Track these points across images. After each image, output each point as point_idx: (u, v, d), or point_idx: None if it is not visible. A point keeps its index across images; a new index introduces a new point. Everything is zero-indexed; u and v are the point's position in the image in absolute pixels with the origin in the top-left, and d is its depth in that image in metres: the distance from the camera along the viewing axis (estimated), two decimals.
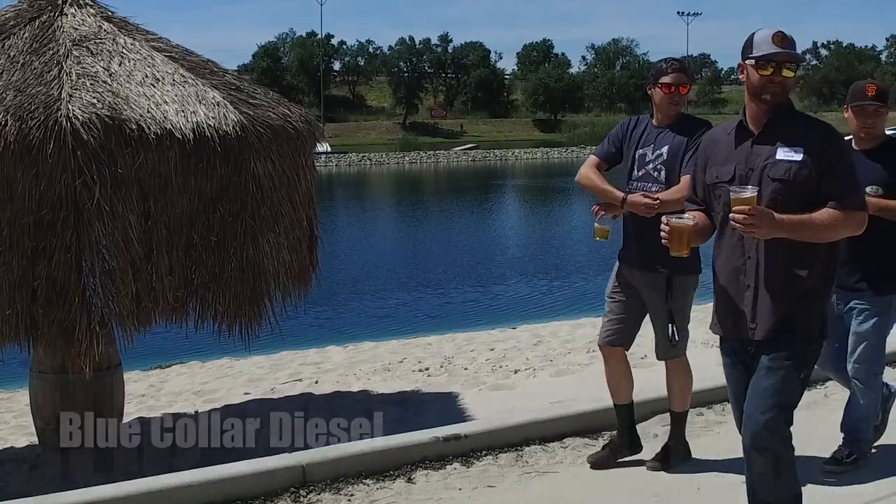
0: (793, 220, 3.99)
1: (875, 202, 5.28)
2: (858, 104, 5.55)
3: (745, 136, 4.30)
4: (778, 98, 4.19)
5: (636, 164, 5.72)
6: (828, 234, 4.10)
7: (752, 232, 3.96)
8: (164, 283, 5.76)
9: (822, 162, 4.09)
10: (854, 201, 4.13)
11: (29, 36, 6.20)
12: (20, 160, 5.38)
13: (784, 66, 4.15)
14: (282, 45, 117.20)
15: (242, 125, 5.94)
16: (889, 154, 5.54)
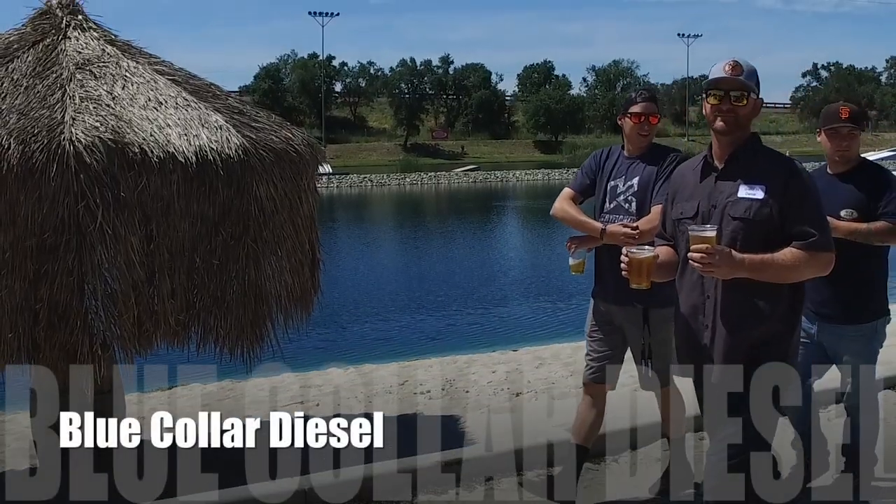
0: (754, 260, 3.89)
1: (845, 226, 5.31)
2: (832, 127, 5.52)
3: (709, 172, 4.21)
4: (731, 128, 4.09)
5: (607, 196, 5.68)
6: (791, 275, 3.99)
7: (710, 272, 3.87)
8: (165, 306, 5.75)
9: (785, 200, 3.99)
10: (819, 241, 3.99)
11: (32, 59, 6.21)
12: (23, 183, 5.38)
13: (732, 95, 4.07)
14: (283, 66, 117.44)
15: (245, 148, 5.95)
16: (863, 177, 5.51)
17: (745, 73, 4.10)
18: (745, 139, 4.16)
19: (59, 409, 6.25)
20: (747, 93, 4.09)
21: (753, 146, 4.18)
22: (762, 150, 4.21)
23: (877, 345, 5.52)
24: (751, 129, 4.20)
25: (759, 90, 4.17)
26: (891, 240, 5.40)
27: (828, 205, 5.26)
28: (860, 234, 5.31)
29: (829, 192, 5.39)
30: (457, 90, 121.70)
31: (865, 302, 5.46)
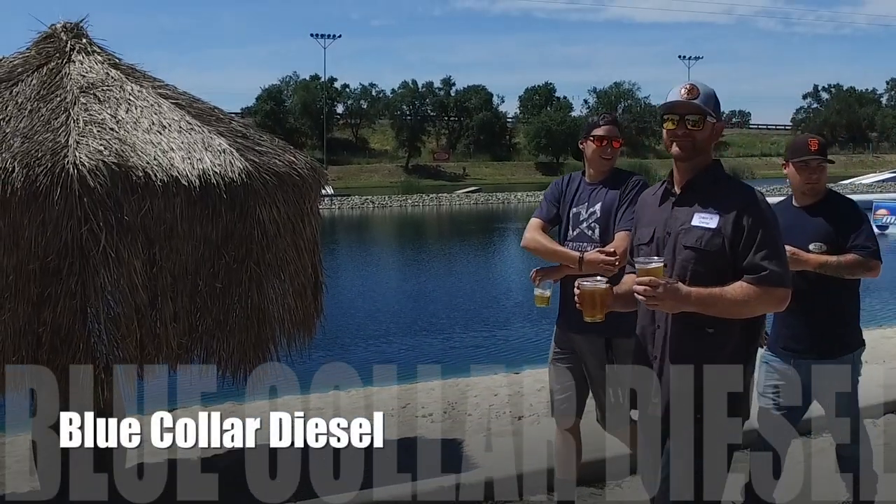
0: (701, 294, 3.74)
1: (814, 258, 5.28)
2: (802, 160, 5.48)
3: (667, 198, 4.09)
4: (689, 154, 3.95)
5: (570, 223, 5.59)
6: (741, 310, 3.80)
7: (654, 305, 3.74)
8: (168, 329, 5.75)
9: (738, 230, 3.82)
10: (771, 276, 3.79)
11: (37, 83, 6.24)
12: (27, 207, 5.40)
13: (689, 119, 3.93)
14: (285, 87, 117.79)
15: (248, 172, 5.96)
16: (832, 209, 5.46)
17: (701, 96, 3.97)
18: (705, 165, 4.02)
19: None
20: (704, 116, 3.95)
21: (713, 173, 4.03)
22: (723, 178, 4.05)
23: (856, 376, 5.46)
24: (711, 154, 4.07)
25: (718, 114, 4.03)
26: (861, 273, 5.38)
27: (796, 238, 5.33)
28: (830, 267, 5.27)
29: (797, 225, 5.44)
30: (458, 112, 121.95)
31: (841, 335, 5.40)
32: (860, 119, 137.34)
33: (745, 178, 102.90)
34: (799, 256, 5.23)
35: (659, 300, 3.69)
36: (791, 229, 5.37)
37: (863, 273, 5.39)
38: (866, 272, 5.39)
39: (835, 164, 5.75)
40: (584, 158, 5.75)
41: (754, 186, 4.09)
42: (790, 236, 5.31)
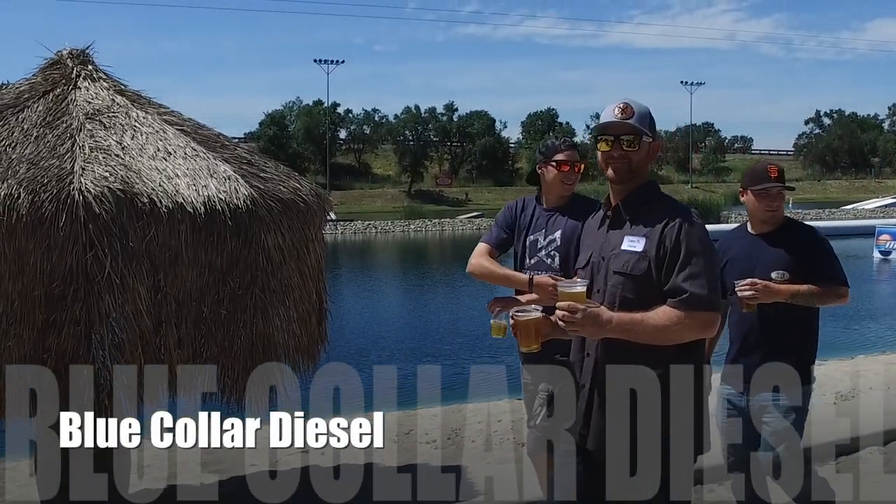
0: (622, 319, 3.53)
1: (785, 289, 5.20)
2: (762, 187, 5.40)
3: (603, 221, 3.94)
4: (625, 176, 3.81)
5: (528, 251, 5.45)
6: (664, 336, 3.57)
7: (575, 331, 3.53)
8: (172, 355, 5.75)
9: (664, 252, 3.65)
10: (693, 299, 3.57)
11: (43, 109, 6.27)
12: (32, 233, 5.41)
13: (623, 139, 3.78)
14: (288, 113, 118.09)
15: (253, 198, 5.97)
16: (792, 236, 5.42)
17: (636, 115, 3.82)
18: (639, 186, 3.86)
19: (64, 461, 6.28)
20: (640, 136, 3.81)
21: (646, 194, 3.86)
22: (656, 199, 3.86)
23: (804, 414, 5.35)
24: (648, 174, 3.92)
25: (654, 133, 3.88)
26: (833, 300, 5.34)
27: (756, 266, 5.33)
28: (802, 296, 5.21)
29: (756, 253, 5.43)
30: (461, 137, 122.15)
31: (801, 366, 5.34)
32: (862, 144, 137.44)
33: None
34: (771, 288, 5.19)
35: (579, 325, 3.49)
36: (749, 258, 5.44)
37: (835, 301, 5.36)
38: (838, 300, 5.36)
39: (795, 190, 5.76)
40: (540, 183, 5.56)
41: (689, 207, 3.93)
42: (748, 265, 5.40)
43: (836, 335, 20.47)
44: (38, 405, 5.63)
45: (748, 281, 5.22)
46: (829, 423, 8.28)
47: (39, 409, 5.67)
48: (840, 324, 21.94)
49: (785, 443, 5.22)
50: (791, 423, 5.24)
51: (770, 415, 5.27)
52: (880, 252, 39.26)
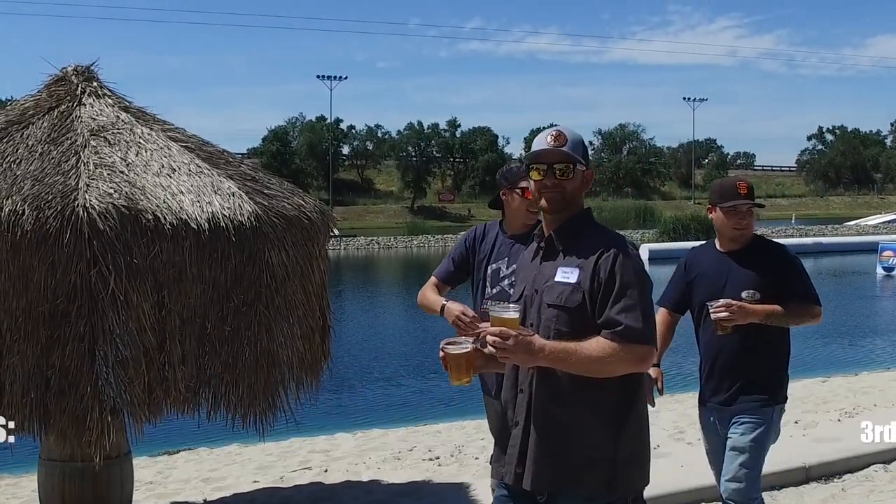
0: (555, 348, 3.38)
1: (761, 309, 5.08)
2: (731, 204, 5.27)
3: (537, 253, 3.80)
4: (558, 206, 3.67)
5: (489, 280, 5.34)
6: (598, 368, 3.42)
7: (506, 358, 3.37)
8: (176, 372, 5.73)
9: (598, 283, 3.50)
10: (629, 331, 3.42)
11: (47, 125, 6.27)
12: (36, 249, 5.40)
13: (557, 168, 3.64)
14: (291, 128, 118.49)
15: (257, 215, 5.97)
16: (762, 255, 5.29)
17: (569, 143, 3.67)
18: (572, 216, 3.72)
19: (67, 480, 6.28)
20: (573, 165, 3.67)
21: (580, 224, 3.73)
22: (590, 229, 3.74)
23: (771, 436, 5.23)
24: (582, 203, 3.78)
25: (587, 160, 3.76)
26: (808, 320, 5.26)
27: (726, 286, 5.21)
28: (777, 317, 5.10)
29: (725, 271, 5.30)
30: (463, 153, 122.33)
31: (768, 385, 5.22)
32: (865, 160, 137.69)
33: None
34: (746, 309, 5.07)
35: (510, 352, 3.33)
36: (717, 276, 5.32)
37: (808, 321, 5.27)
38: (811, 319, 5.26)
39: (764, 207, 5.62)
40: (503, 209, 5.46)
41: (625, 236, 3.78)
42: (717, 284, 5.29)
43: (840, 352, 20.45)
44: (42, 422, 5.62)
45: (723, 302, 5.09)
46: (834, 441, 8.26)
47: (42, 426, 5.66)
48: (845, 340, 21.92)
49: (741, 458, 5.12)
50: (752, 440, 5.11)
51: (734, 430, 5.19)
52: (883, 268, 39.19)
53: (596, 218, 3.86)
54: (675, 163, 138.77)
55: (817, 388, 13.59)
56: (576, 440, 3.53)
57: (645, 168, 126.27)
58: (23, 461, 8.48)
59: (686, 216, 70.48)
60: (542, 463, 3.56)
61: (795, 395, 12.87)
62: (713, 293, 5.22)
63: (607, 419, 3.53)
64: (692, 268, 5.55)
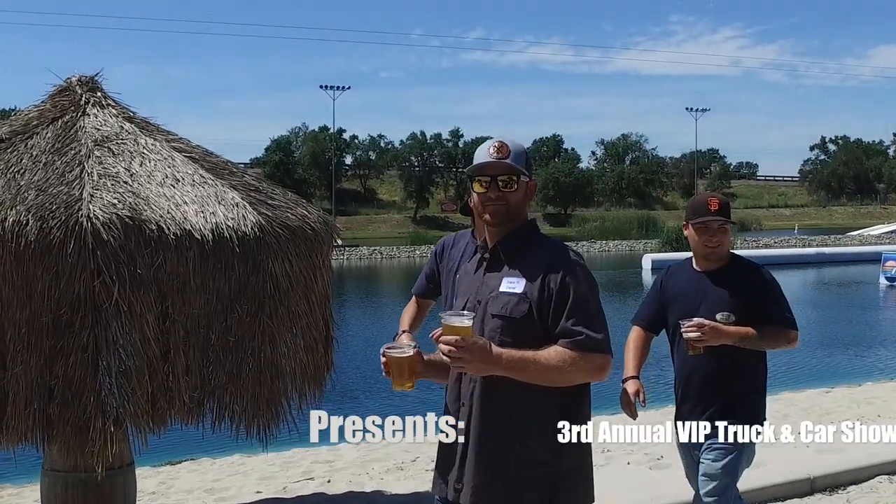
0: (512, 356, 3.30)
1: (734, 331, 4.90)
2: (701, 221, 5.10)
3: (480, 264, 3.72)
4: (503, 219, 3.61)
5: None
6: (557, 377, 3.36)
7: (461, 366, 3.29)
8: (180, 383, 5.73)
9: (547, 294, 3.44)
10: (588, 341, 3.38)
11: (52, 136, 6.28)
12: (40, 259, 5.41)
13: (500, 180, 3.58)
14: (294, 138, 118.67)
15: (261, 226, 5.97)
16: (738, 275, 5.11)
17: (512, 154, 3.60)
18: (517, 227, 3.66)
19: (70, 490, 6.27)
20: (517, 176, 3.61)
21: (525, 235, 3.68)
22: (535, 240, 3.68)
23: (743, 461, 5.06)
24: (526, 214, 3.72)
25: (530, 171, 3.70)
26: (783, 344, 5.05)
27: (701, 306, 5.04)
28: (750, 339, 4.90)
29: (700, 291, 5.14)
30: (466, 163, 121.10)
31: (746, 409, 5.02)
32: (868, 170, 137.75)
33: (753, 229, 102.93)
34: (719, 330, 4.89)
35: (466, 361, 3.23)
36: (692, 295, 5.16)
37: (783, 345, 5.06)
38: (787, 344, 5.05)
39: (737, 224, 5.46)
40: (473, 215, 5.23)
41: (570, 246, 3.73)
42: (692, 304, 5.10)
43: (844, 362, 20.42)
44: (45, 432, 5.62)
45: (695, 322, 4.91)
46: (839, 452, 8.24)
47: (45, 436, 5.66)
48: (850, 351, 21.90)
49: (712, 485, 4.99)
50: (722, 467, 4.97)
51: (706, 455, 5.03)
52: (887, 278, 39.14)
53: (598, 228, 3.82)
54: (678, 173, 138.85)
55: (820, 399, 13.56)
56: (517, 455, 3.47)
57: (648, 178, 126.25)
58: (26, 471, 8.48)
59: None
60: (481, 478, 3.50)
61: (799, 405, 12.85)
62: (688, 313, 5.04)
63: (549, 433, 3.48)
64: (668, 287, 5.40)
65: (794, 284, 43.60)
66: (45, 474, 6.46)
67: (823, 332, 25.46)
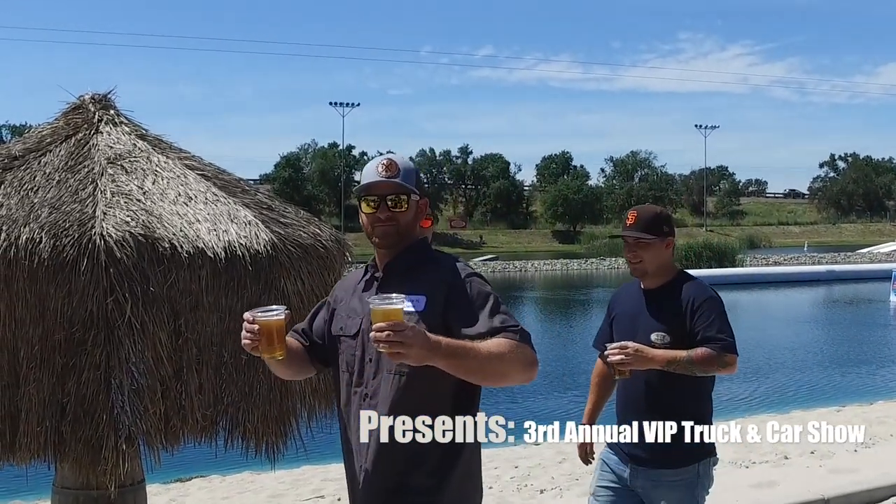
0: (452, 343, 3.11)
1: (661, 354, 4.59)
2: (617, 235, 4.96)
3: (371, 285, 3.62)
4: (393, 241, 3.50)
5: None
6: (498, 365, 3.19)
7: (399, 353, 3.00)
8: (193, 401, 5.72)
9: (451, 305, 3.35)
10: (524, 334, 3.28)
11: (65, 153, 6.28)
12: (53, 277, 5.41)
13: (389, 200, 3.48)
14: (303, 155, 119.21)
15: (273, 244, 5.97)
16: (676, 292, 4.81)
17: (401, 173, 3.51)
18: (408, 246, 3.58)
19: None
20: (407, 196, 3.52)
21: (418, 253, 3.61)
22: (428, 257, 3.62)
23: (701, 491, 4.74)
24: (417, 233, 3.63)
25: (421, 189, 3.61)
26: (716, 369, 4.65)
27: (638, 327, 4.81)
28: (680, 363, 4.55)
29: (638, 310, 4.92)
30: (475, 180, 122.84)
31: (684, 442, 4.60)
32: (877, 188, 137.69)
33: (763, 246, 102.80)
34: (644, 353, 4.59)
35: (406, 346, 2.97)
36: (631, 315, 4.95)
37: (718, 370, 4.64)
38: (721, 369, 4.63)
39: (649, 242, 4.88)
40: None
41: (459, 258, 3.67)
42: (632, 324, 4.88)
43: (855, 381, 20.37)
44: (57, 450, 5.61)
45: (618, 344, 4.67)
46: (852, 472, 8.21)
47: (57, 454, 5.65)
48: (861, 369, 21.84)
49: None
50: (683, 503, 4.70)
51: (656, 494, 4.76)
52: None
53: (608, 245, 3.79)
54: (687, 190, 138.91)
55: (832, 418, 13.52)
56: (405, 486, 3.43)
57: (657, 195, 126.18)
58: (36, 488, 8.48)
59: (698, 243, 70.46)
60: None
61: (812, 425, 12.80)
62: (626, 334, 4.82)
63: (434, 463, 3.41)
64: (614, 306, 5.20)
65: (804, 303, 43.56)
66: (57, 492, 6.44)
67: (834, 351, 25.43)
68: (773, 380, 20.66)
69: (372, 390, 3.48)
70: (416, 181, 3.60)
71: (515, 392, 19.60)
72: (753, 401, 18.14)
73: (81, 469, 5.82)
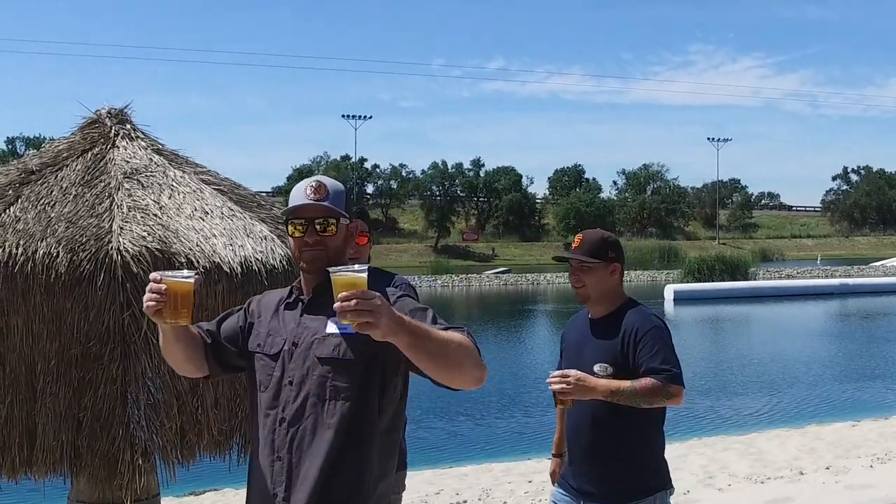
0: (413, 323, 2.96)
1: (604, 385, 4.44)
2: (560, 257, 4.87)
3: (296, 304, 3.49)
4: (320, 264, 3.32)
5: None
6: (455, 351, 3.06)
7: (368, 323, 2.80)
8: (209, 416, 5.73)
9: None
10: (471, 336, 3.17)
11: (81, 168, 6.31)
12: (70, 292, 5.44)
13: (317, 223, 3.37)
14: (316, 167, 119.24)
15: (289, 259, 5.99)
16: (620, 321, 4.62)
17: (330, 195, 3.41)
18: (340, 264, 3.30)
19: None
20: (336, 219, 3.40)
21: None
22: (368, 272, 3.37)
23: None
24: (347, 256, 3.49)
25: (350, 212, 3.51)
26: (660, 401, 4.47)
27: (582, 357, 4.67)
28: (623, 394, 4.39)
29: (584, 340, 4.77)
30: (487, 193, 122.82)
31: (639, 475, 4.54)
32: (891, 200, 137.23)
33: (775, 259, 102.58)
34: (585, 382, 4.45)
35: (376, 316, 2.80)
36: (578, 345, 4.81)
37: (662, 401, 4.47)
38: (666, 400, 4.47)
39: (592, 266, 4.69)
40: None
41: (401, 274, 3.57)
42: (578, 354, 4.75)
43: (870, 395, 20.29)
44: (73, 464, 5.62)
45: (559, 372, 4.54)
46: (869, 488, 8.16)
47: (73, 468, 5.66)
48: (876, 383, 21.75)
49: None
50: None
51: None
52: None
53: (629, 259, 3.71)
54: (700, 203, 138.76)
55: (847, 433, 13.46)
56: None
57: (669, 208, 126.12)
58: (52, 502, 8.48)
59: (710, 256, 70.33)
60: None
61: (825, 439, 12.75)
62: (573, 363, 4.67)
63: (365, 487, 3.28)
64: (564, 335, 5.06)
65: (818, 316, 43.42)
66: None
67: (849, 365, 25.33)
68: (788, 394, 20.60)
69: (290, 415, 3.31)
70: (346, 204, 3.49)
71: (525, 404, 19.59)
72: (769, 415, 18.10)
73: (97, 483, 5.84)
